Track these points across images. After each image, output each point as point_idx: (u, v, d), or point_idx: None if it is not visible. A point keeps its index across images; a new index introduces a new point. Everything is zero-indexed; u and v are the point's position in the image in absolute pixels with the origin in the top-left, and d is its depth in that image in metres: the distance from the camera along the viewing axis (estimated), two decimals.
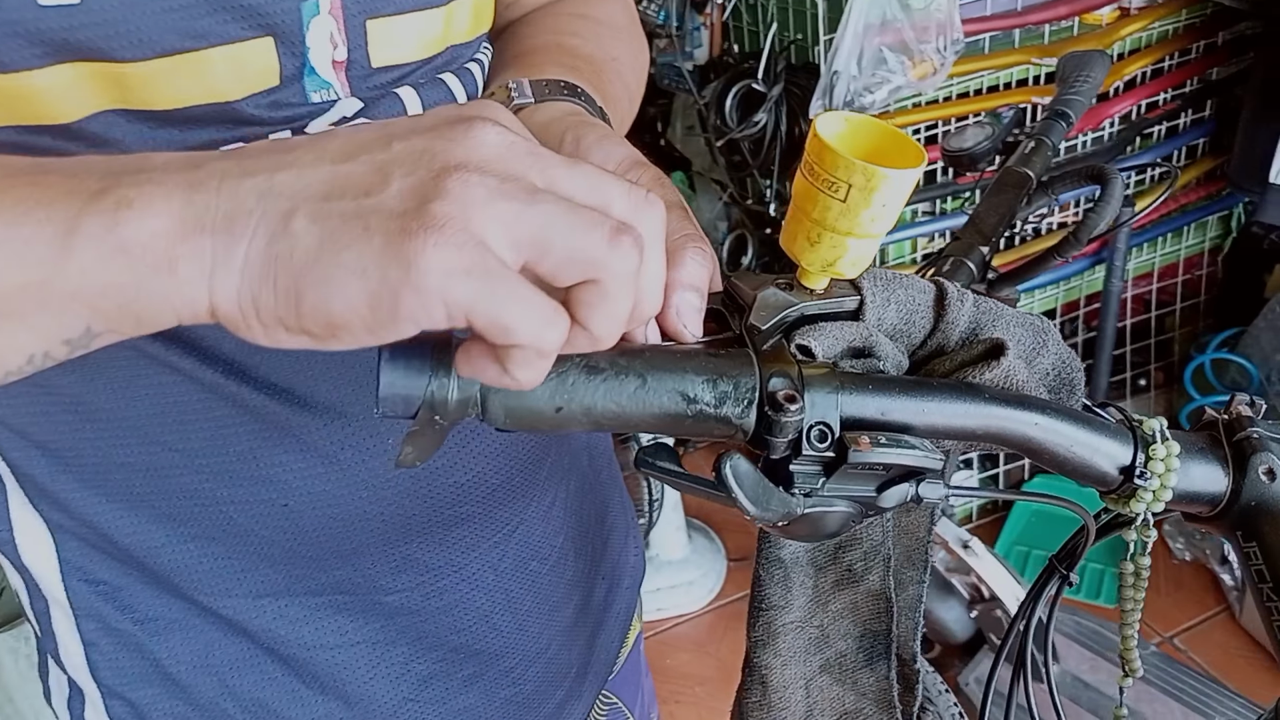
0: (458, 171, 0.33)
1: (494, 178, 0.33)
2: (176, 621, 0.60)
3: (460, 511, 0.62)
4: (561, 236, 0.34)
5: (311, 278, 0.33)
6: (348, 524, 0.59)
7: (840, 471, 0.40)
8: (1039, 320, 0.49)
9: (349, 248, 0.32)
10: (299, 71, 0.49)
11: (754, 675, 0.59)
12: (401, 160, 0.34)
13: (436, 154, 0.34)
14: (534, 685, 0.70)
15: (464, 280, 0.32)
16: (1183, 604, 2.00)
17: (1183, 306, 2.23)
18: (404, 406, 0.37)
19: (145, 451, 0.55)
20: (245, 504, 0.57)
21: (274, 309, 0.34)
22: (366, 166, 0.34)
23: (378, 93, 0.53)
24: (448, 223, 0.32)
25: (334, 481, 0.57)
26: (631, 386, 0.39)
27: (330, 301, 0.33)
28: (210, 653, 0.61)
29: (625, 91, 0.65)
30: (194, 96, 0.47)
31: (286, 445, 0.56)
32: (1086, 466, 0.43)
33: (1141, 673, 0.47)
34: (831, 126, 0.42)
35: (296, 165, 0.34)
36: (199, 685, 0.61)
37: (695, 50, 1.99)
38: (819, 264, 0.43)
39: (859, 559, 0.57)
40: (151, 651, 0.60)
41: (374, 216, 0.33)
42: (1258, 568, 0.42)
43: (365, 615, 0.62)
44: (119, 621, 0.60)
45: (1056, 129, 1.16)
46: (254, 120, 0.49)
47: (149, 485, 0.56)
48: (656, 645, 2.08)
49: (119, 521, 0.57)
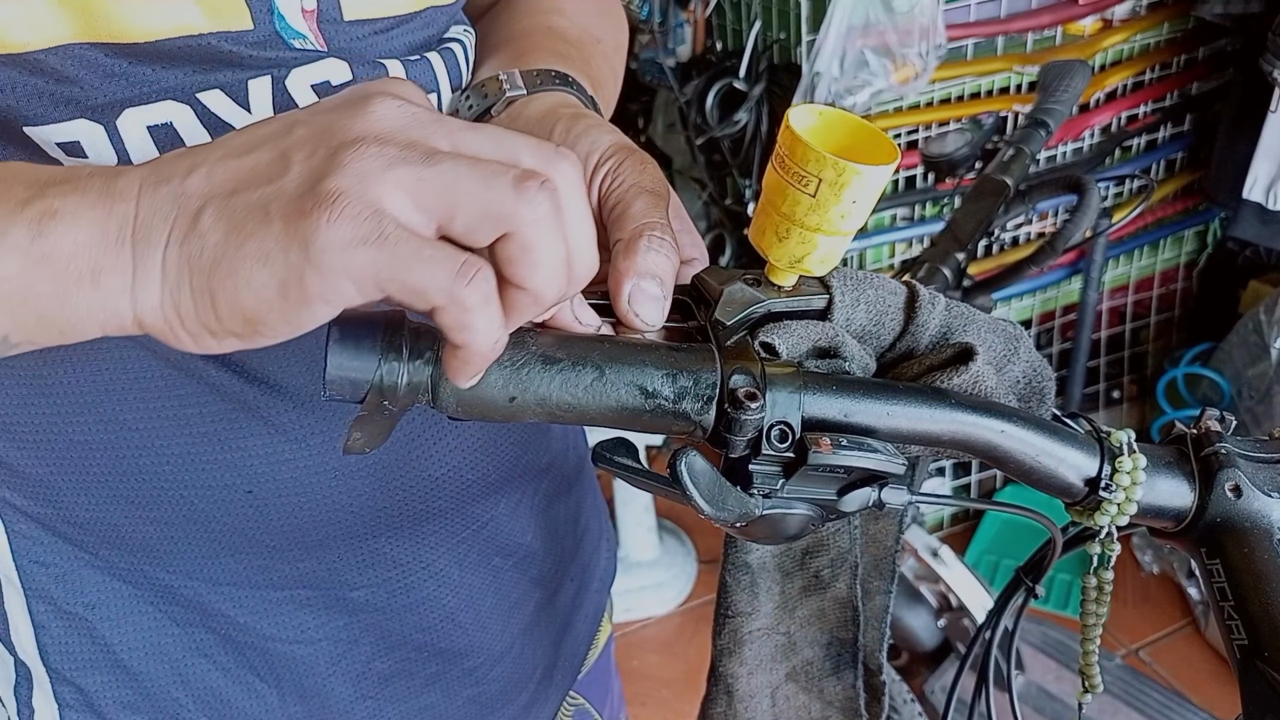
0: (354, 145, 0.33)
1: (392, 146, 0.33)
2: (129, 607, 0.59)
3: (432, 506, 0.61)
4: (466, 192, 0.33)
5: (220, 273, 0.33)
6: (315, 514, 0.57)
7: (800, 473, 0.39)
8: (1011, 327, 0.48)
9: (251, 237, 0.32)
10: (269, 15, 0.48)
11: (719, 685, 0.58)
12: (301, 143, 0.34)
13: (335, 132, 0.33)
14: (498, 686, 0.69)
15: (363, 251, 0.31)
16: (1149, 616, 2.01)
17: (1157, 320, 2.24)
18: (351, 390, 0.36)
19: (104, 430, 0.54)
20: (208, 489, 0.55)
21: (194, 315, 0.34)
22: (270, 154, 0.34)
23: (362, 57, 0.52)
24: (339, 196, 0.32)
25: (302, 468, 0.56)
26: (588, 379, 0.37)
27: (240, 295, 0.33)
28: (162, 640, 0.60)
29: (611, 73, 0.64)
30: (162, 28, 0.45)
31: (253, 428, 0.54)
32: (1052, 477, 0.42)
33: (1101, 689, 0.47)
34: (804, 119, 0.40)
35: (205, 164, 0.34)
36: (150, 673, 0.60)
37: (678, 47, 1.98)
38: (787, 260, 0.42)
39: (826, 565, 0.56)
40: (103, 636, 0.59)
41: (274, 202, 0.32)
42: (1220, 585, 0.41)
43: (329, 612, 0.61)
44: (70, 604, 0.58)
45: (1035, 137, 1.16)
46: (236, 60, 0.48)
47: (107, 465, 0.55)
48: (624, 646, 2.07)
49: (77, 499, 0.56)
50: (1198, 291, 2.25)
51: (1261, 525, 0.42)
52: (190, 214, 0.33)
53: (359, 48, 0.52)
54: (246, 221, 0.32)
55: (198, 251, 0.33)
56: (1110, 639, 1.96)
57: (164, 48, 0.46)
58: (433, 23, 0.56)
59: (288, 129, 0.34)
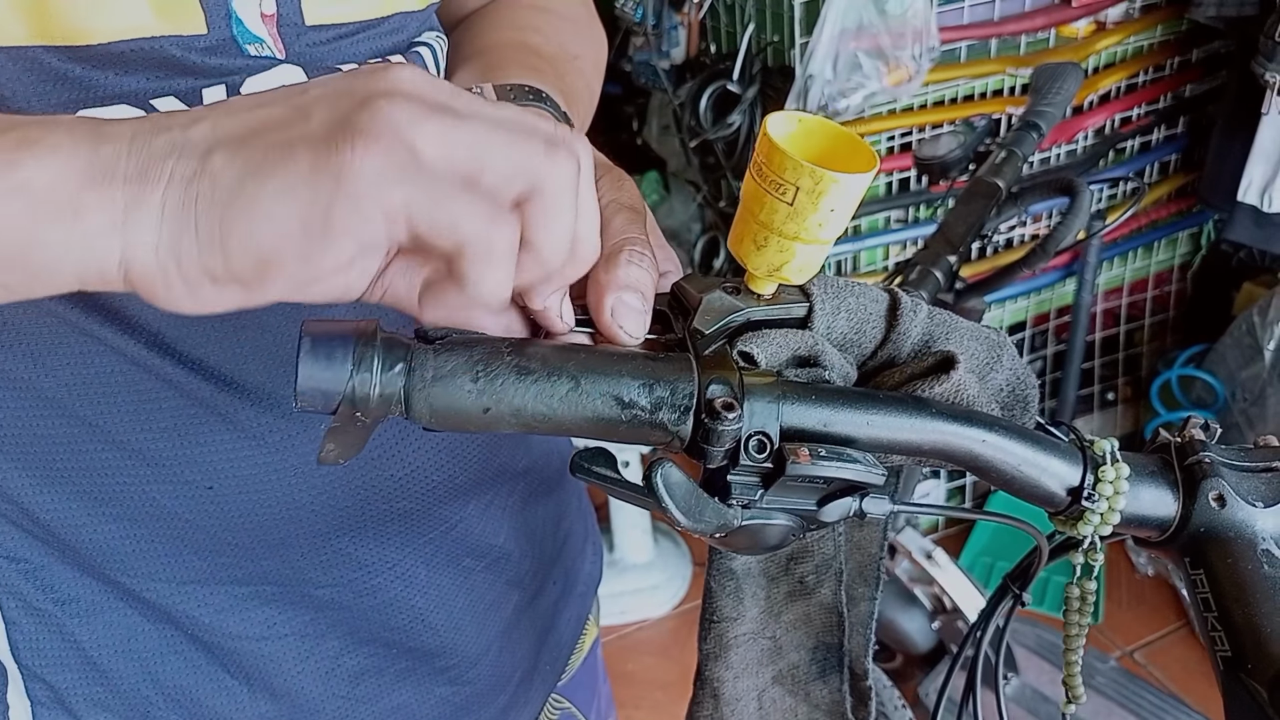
0: (384, 96, 0.32)
1: (419, 103, 0.32)
2: (99, 605, 0.58)
3: (397, 507, 0.60)
4: (498, 148, 0.33)
5: (235, 209, 0.31)
6: (275, 512, 0.57)
7: (779, 484, 0.39)
8: (994, 334, 0.48)
9: (273, 173, 0.31)
10: (226, 19, 0.48)
11: (706, 689, 0.58)
12: (321, 99, 0.33)
13: (357, 89, 0.33)
14: (474, 687, 0.68)
15: (399, 182, 0.31)
16: (1144, 618, 2.01)
17: (1151, 322, 2.24)
18: (323, 401, 0.35)
19: (64, 425, 0.53)
20: (168, 484, 0.55)
21: (197, 257, 0.32)
22: (285, 109, 0.33)
23: (321, 64, 0.51)
24: (372, 131, 0.31)
25: (262, 465, 0.55)
26: (564, 389, 0.37)
27: (257, 231, 0.31)
28: (133, 638, 0.59)
29: (587, 90, 0.64)
30: (113, 28, 0.45)
31: (212, 424, 0.54)
32: (1034, 486, 0.42)
33: (1085, 699, 0.46)
34: (782, 127, 0.40)
35: (209, 117, 0.33)
36: (121, 671, 0.60)
37: (672, 50, 1.98)
38: (765, 268, 0.42)
39: (810, 571, 0.56)
40: (73, 634, 0.59)
41: (300, 142, 0.31)
42: (1203, 595, 0.41)
43: (294, 607, 0.61)
44: (40, 601, 0.58)
45: (1028, 140, 1.16)
46: (188, 68, 0.47)
47: (68, 461, 0.54)
48: (619, 650, 2.06)
49: (39, 497, 0.55)
50: (1192, 293, 2.25)
51: (1245, 535, 0.42)
52: (197, 154, 0.32)
53: (318, 54, 0.51)
54: (267, 159, 0.31)
55: (208, 189, 0.32)
56: (1105, 641, 1.96)
57: (116, 50, 0.45)
58: (401, 29, 0.55)
59: (301, 90, 0.34)
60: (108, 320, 0.51)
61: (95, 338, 0.51)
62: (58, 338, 0.51)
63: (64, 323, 0.51)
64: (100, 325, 0.51)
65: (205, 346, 0.52)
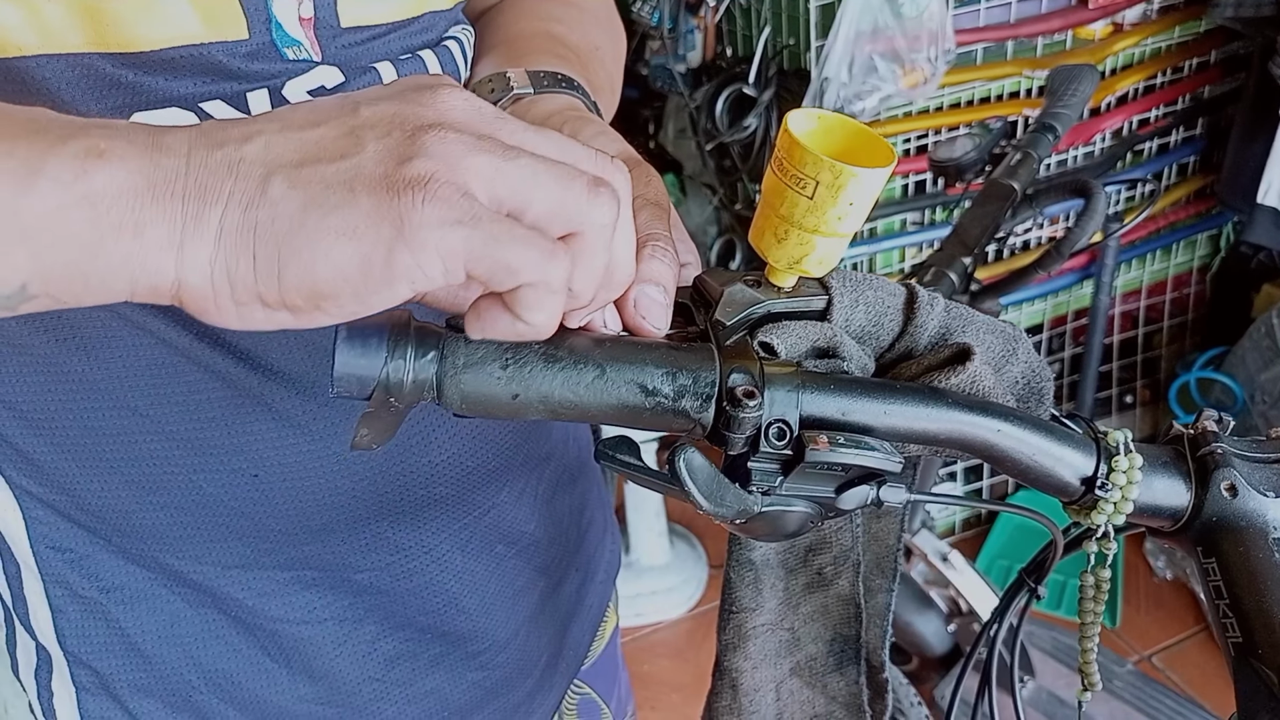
0: (433, 129, 0.33)
1: (469, 135, 0.34)
2: (143, 592, 0.60)
3: (433, 492, 0.62)
4: (543, 188, 0.34)
5: (296, 244, 0.32)
6: (318, 498, 0.58)
7: (798, 471, 0.40)
8: (1010, 328, 0.48)
9: (334, 211, 0.32)
10: (266, 24, 0.49)
11: (724, 679, 0.58)
12: (372, 124, 0.34)
13: (408, 117, 0.34)
14: (503, 672, 0.69)
15: (458, 230, 0.32)
16: (1162, 622, 2.00)
17: (1170, 324, 2.23)
18: (359, 387, 0.37)
19: (115, 416, 0.55)
20: (214, 473, 0.56)
21: (252, 283, 0.33)
22: (337, 131, 0.34)
23: (355, 63, 0.53)
24: (432, 177, 0.32)
25: (305, 453, 0.57)
26: (590, 376, 0.38)
27: (316, 268, 0.32)
28: (176, 623, 0.61)
29: (609, 81, 0.65)
30: (164, 37, 0.46)
31: (258, 414, 0.55)
32: (1048, 476, 0.43)
33: (1100, 686, 0.47)
34: (803, 123, 0.41)
35: (263, 133, 0.34)
36: (164, 656, 0.61)
37: (688, 53, 1.99)
38: (786, 261, 0.43)
39: (829, 563, 0.57)
40: (117, 620, 0.60)
41: (357, 179, 0.32)
42: (1215, 584, 0.42)
43: (334, 592, 0.62)
44: (85, 589, 0.60)
45: (1043, 142, 1.16)
46: (233, 73, 0.49)
47: (118, 450, 0.56)
48: (635, 651, 2.07)
49: (89, 485, 0.57)
50: (1210, 296, 2.24)
51: (1257, 524, 0.43)
52: (255, 179, 0.33)
53: (353, 54, 0.53)
54: (328, 195, 0.32)
55: (268, 219, 0.32)
56: (1122, 645, 1.95)
57: (166, 56, 0.47)
58: (431, 27, 0.57)
59: (352, 108, 0.34)
60: (158, 314, 0.52)
61: (146, 331, 0.53)
62: (110, 331, 0.53)
63: (116, 316, 0.52)
64: (151, 319, 0.52)
65: (252, 338, 0.54)
